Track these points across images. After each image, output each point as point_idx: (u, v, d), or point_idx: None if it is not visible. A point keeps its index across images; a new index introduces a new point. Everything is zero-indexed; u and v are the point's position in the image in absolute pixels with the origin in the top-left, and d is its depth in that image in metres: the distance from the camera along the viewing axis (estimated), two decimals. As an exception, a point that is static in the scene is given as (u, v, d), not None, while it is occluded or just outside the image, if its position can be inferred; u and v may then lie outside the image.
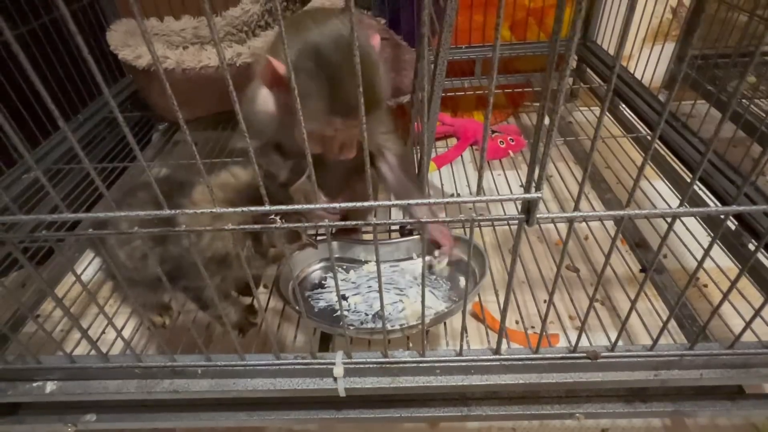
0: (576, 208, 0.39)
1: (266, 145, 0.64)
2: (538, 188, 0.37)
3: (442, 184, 1.14)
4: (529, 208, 0.38)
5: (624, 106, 1.16)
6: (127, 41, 1.05)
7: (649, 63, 1.07)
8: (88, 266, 0.83)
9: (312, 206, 0.41)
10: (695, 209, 0.38)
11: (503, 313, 0.50)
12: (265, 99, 0.60)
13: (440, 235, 0.67)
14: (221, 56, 0.29)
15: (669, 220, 0.40)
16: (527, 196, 0.37)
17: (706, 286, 0.84)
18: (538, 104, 1.38)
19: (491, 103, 0.33)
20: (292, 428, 0.79)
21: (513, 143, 1.03)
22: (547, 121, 0.34)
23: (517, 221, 0.40)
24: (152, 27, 1.19)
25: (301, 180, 0.54)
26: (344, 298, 0.65)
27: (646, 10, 1.16)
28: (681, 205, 0.38)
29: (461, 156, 1.08)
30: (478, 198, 0.37)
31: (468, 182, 1.09)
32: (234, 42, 1.21)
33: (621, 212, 0.39)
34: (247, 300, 0.69)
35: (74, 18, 1.11)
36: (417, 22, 1.30)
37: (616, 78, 1.02)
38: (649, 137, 1.00)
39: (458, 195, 1.03)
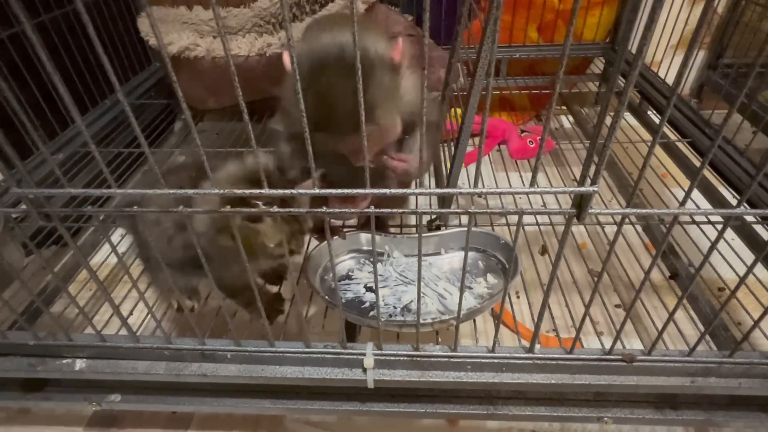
0: (629, 205, 0.38)
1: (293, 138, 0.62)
2: (594, 182, 0.36)
3: (467, 182, 1.13)
4: (581, 203, 0.38)
5: (653, 111, 1.15)
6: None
7: (677, 69, 1.06)
8: (112, 250, 0.83)
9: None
10: (754, 210, 0.37)
11: (540, 313, 0.49)
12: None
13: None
14: (289, 33, 0.29)
15: (717, 224, 0.39)
16: (581, 189, 0.36)
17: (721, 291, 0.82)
18: (563, 107, 1.37)
19: (555, 95, 0.32)
20: (309, 419, 0.78)
21: (541, 144, 1.01)
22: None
23: (567, 215, 0.39)
24: (182, 15, 1.20)
25: (307, 183, 0.52)
26: (373, 290, 0.64)
27: (679, 18, 1.14)
28: (738, 206, 0.37)
29: (488, 155, 1.08)
30: (532, 189, 0.37)
31: (495, 180, 1.08)
32: (264, 33, 1.21)
33: (676, 210, 0.38)
34: (274, 289, 0.69)
35: (105, 4, 1.10)
36: (445, 18, 1.29)
37: (647, 84, 0.98)
38: (678, 143, 0.99)
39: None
